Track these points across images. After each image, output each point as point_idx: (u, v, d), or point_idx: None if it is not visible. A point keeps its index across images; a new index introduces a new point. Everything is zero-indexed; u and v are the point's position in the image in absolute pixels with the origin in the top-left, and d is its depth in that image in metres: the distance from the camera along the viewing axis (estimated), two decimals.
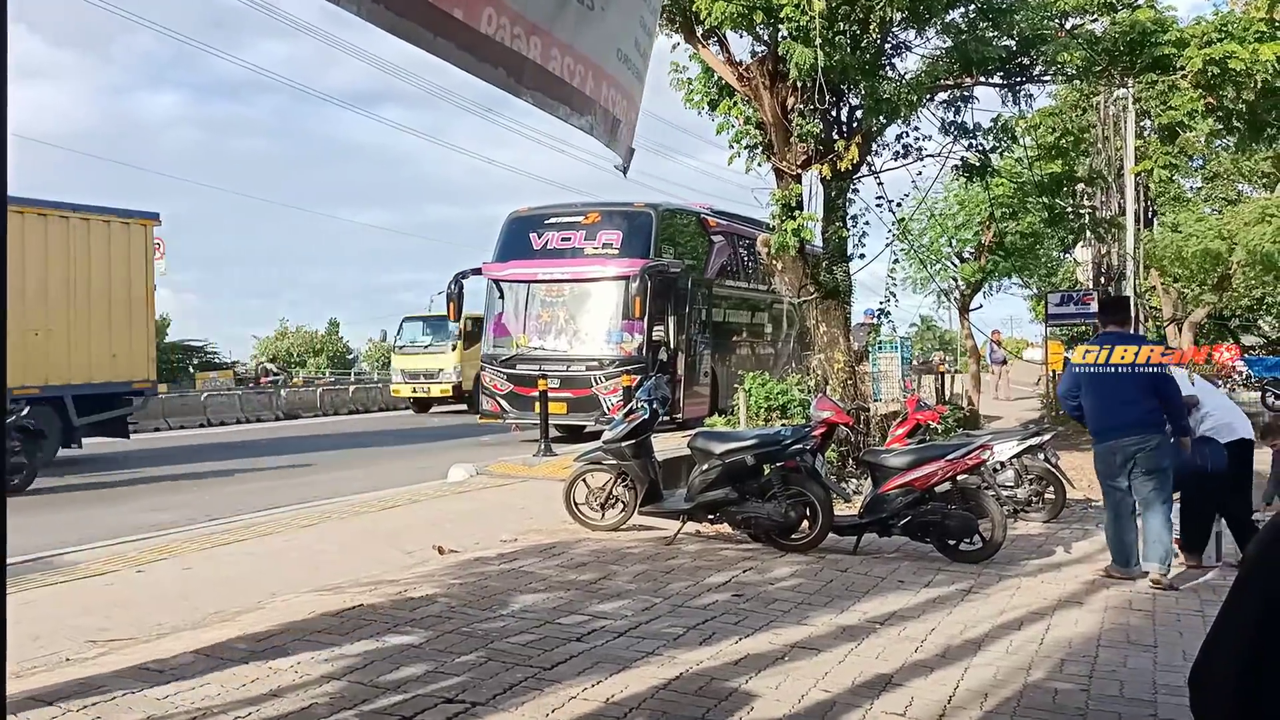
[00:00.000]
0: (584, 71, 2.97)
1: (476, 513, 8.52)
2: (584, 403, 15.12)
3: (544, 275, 15.69)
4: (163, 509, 9.45)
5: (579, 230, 15.79)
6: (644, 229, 15.60)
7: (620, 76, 3.27)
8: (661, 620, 4.91)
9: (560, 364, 15.25)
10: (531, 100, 2.83)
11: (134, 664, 4.20)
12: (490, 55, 2.56)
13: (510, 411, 15.72)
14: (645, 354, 15.04)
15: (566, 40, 2.86)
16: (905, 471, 6.69)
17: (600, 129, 3.26)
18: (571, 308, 15.67)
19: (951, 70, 12.07)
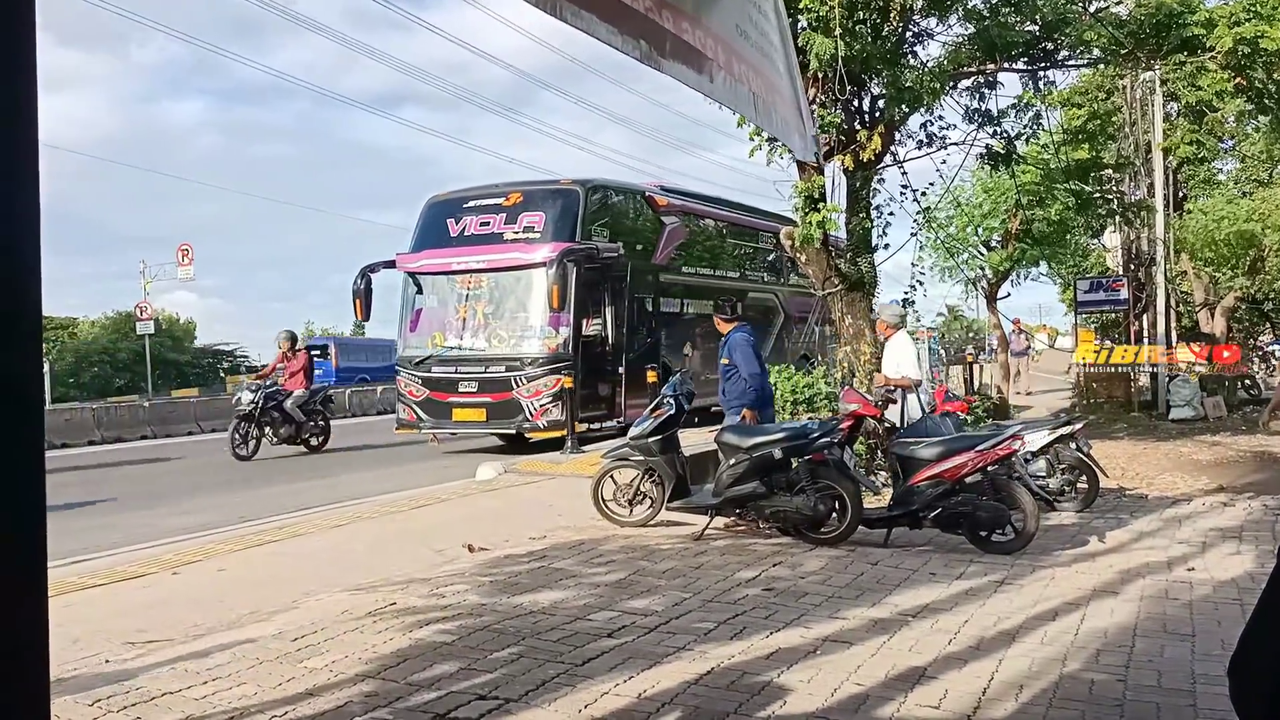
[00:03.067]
0: (714, 45, 3.01)
1: (505, 510, 8.55)
2: (504, 408, 13.43)
3: (458, 265, 13.98)
4: (196, 511, 9.55)
5: (499, 214, 14.02)
6: (570, 209, 13.83)
7: (746, 52, 3.29)
8: (692, 615, 4.91)
9: (478, 365, 13.69)
10: (672, 73, 2.87)
11: (171, 665, 4.25)
12: (632, 27, 2.60)
13: (425, 420, 14.17)
14: (574, 351, 13.36)
15: (693, 13, 2.89)
16: (935, 463, 6.65)
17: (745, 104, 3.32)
18: (489, 301, 13.97)
19: (974, 57, 11.99)
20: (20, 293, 0.77)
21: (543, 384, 13.16)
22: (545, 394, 13.10)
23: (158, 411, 22.53)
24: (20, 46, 0.77)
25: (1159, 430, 15.77)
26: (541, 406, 13.13)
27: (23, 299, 0.77)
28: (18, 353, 0.76)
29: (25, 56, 0.77)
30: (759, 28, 3.52)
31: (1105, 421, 17.46)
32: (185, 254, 36.32)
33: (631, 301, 14.68)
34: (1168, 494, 9.43)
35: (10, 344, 0.75)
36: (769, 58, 3.60)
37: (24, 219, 0.77)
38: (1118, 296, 21.59)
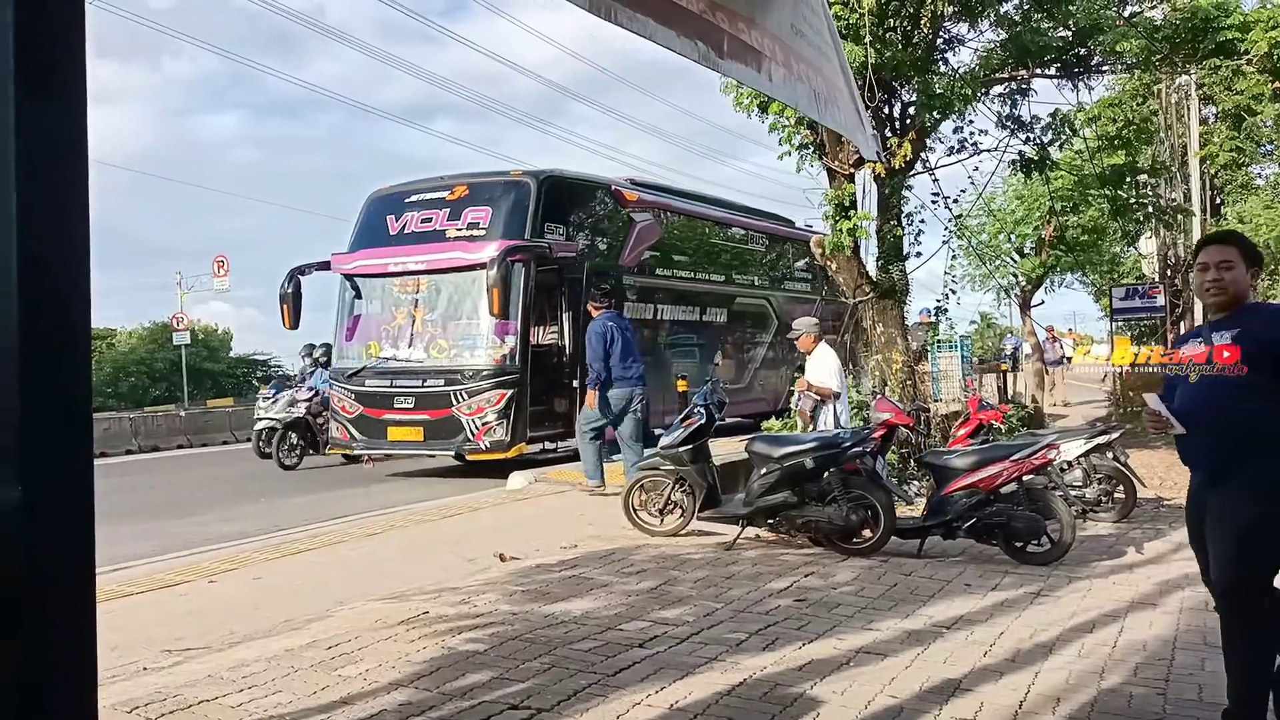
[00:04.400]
0: (771, 44, 3.03)
1: (536, 519, 8.57)
2: (443, 426, 11.94)
3: (395, 266, 12.50)
4: (232, 520, 9.65)
5: (442, 209, 12.57)
6: (520, 203, 12.34)
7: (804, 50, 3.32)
8: (724, 626, 4.90)
9: (415, 378, 12.24)
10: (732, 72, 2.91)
11: (208, 673, 4.30)
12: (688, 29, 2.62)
13: (359, 439, 12.63)
14: (523, 363, 11.91)
15: (747, 15, 2.91)
16: (969, 473, 6.59)
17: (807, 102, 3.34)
18: (429, 306, 12.51)
19: (1006, 63, 11.93)
20: (71, 312, 0.78)
21: (485, 399, 11.69)
22: (488, 411, 11.66)
23: (193, 421, 22.82)
24: (72, 77, 0.78)
25: None
26: (484, 425, 11.68)
27: (73, 318, 0.79)
28: (69, 369, 0.77)
29: (77, 85, 0.79)
30: (813, 26, 3.54)
31: (1142, 430, 17.20)
32: (221, 265, 36.74)
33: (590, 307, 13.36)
34: None
35: (62, 361, 0.77)
36: (826, 56, 3.62)
37: (75, 242, 0.78)
38: (1154, 304, 21.35)
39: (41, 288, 0.77)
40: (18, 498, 0.76)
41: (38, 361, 0.76)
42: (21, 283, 0.76)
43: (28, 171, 0.77)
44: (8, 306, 0.75)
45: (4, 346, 0.76)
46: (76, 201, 0.81)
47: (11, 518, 0.76)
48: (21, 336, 0.76)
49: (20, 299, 0.76)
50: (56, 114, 0.80)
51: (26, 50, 0.77)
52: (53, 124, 0.79)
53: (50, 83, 0.79)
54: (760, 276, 18.18)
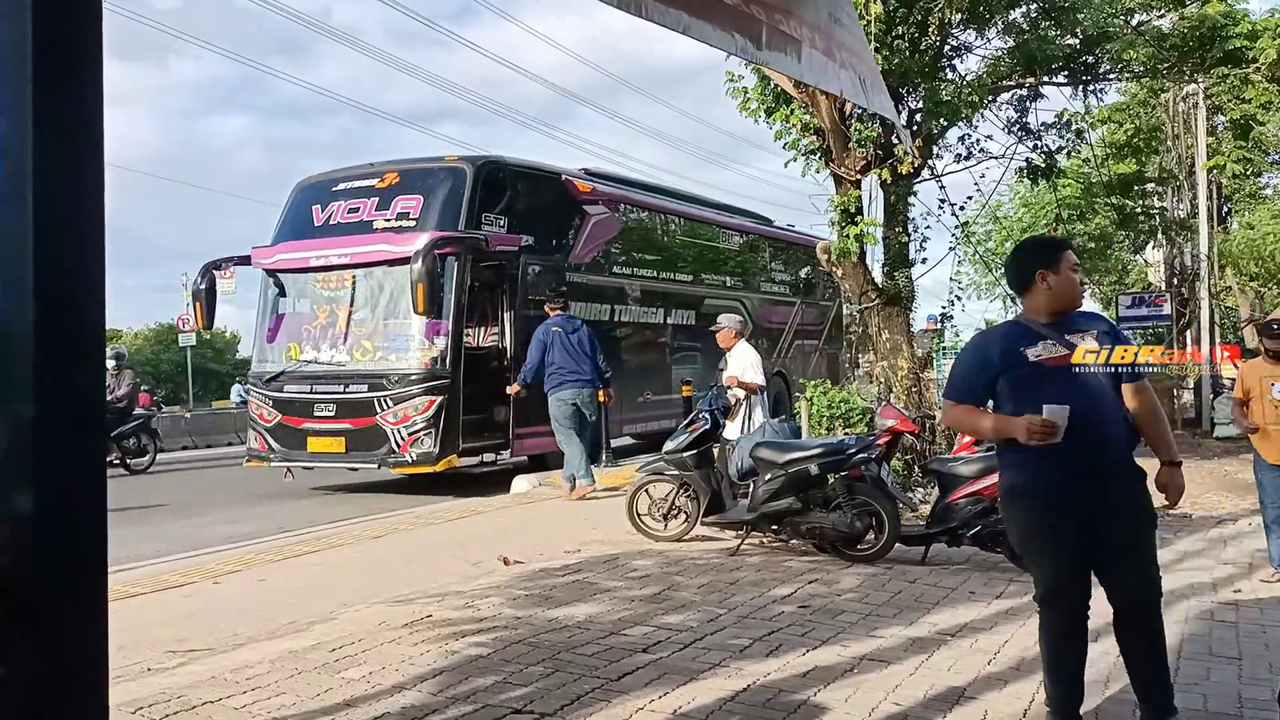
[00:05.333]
0: (810, 34, 3.02)
1: (540, 523, 8.57)
2: (366, 436, 10.85)
3: (318, 260, 11.34)
4: (237, 521, 9.66)
5: (371, 198, 11.52)
6: (455, 192, 11.25)
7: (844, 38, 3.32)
8: (727, 632, 4.89)
9: (337, 383, 11.12)
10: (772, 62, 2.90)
11: (212, 674, 4.30)
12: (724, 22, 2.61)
13: (277, 450, 11.47)
14: (455, 366, 10.80)
15: (784, 6, 2.90)
16: (974, 480, 6.57)
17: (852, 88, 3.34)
18: (353, 304, 11.36)
19: (1014, 70, 11.93)
20: (86, 313, 0.79)
21: (411, 406, 10.65)
22: (415, 419, 10.61)
23: (199, 422, 22.87)
24: (89, 79, 0.79)
25: (1203, 448, 15.51)
26: (410, 435, 10.65)
27: (88, 319, 0.79)
28: (83, 371, 0.78)
29: (94, 87, 0.80)
30: (850, 15, 3.55)
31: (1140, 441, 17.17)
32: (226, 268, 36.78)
33: (533, 306, 11.64)
34: (1212, 514, 9.26)
35: (76, 362, 0.77)
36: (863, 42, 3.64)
37: (91, 244, 0.79)
38: (1160, 312, 21.30)
39: (57, 289, 0.77)
40: (31, 499, 0.77)
41: (52, 362, 0.77)
42: (37, 284, 0.76)
43: (45, 173, 0.78)
44: (24, 308, 0.76)
45: (20, 348, 0.76)
46: (92, 203, 0.82)
47: (25, 518, 0.77)
48: (37, 337, 0.76)
49: (36, 300, 0.76)
50: (73, 116, 0.81)
51: (44, 52, 0.78)
52: (70, 126, 0.80)
53: (68, 85, 0.80)
54: (733, 277, 17.19)
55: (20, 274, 0.76)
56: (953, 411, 3.64)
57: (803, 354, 18.59)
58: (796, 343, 18.36)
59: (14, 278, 0.77)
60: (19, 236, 0.77)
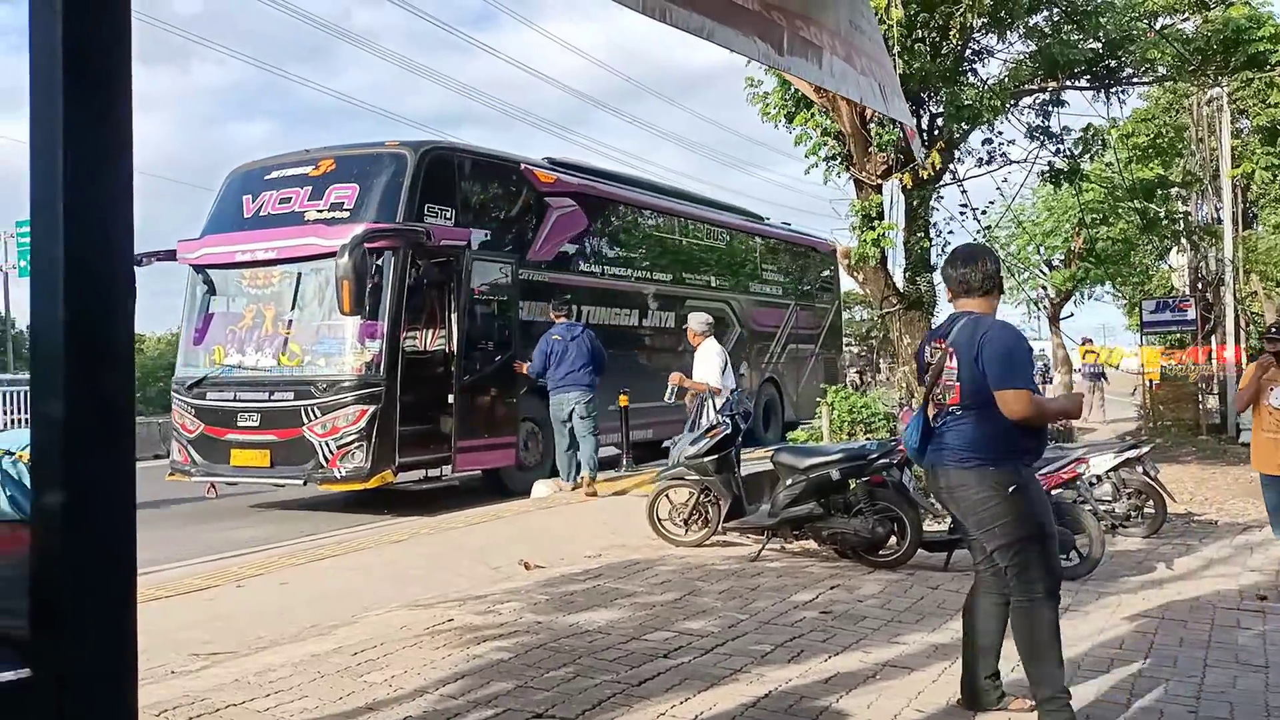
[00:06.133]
0: (830, 40, 3.03)
1: (560, 528, 8.58)
2: (292, 449, 9.82)
3: (244, 255, 10.32)
4: (260, 524, 9.72)
5: (304, 187, 10.46)
6: (394, 180, 10.20)
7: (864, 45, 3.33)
8: (748, 637, 4.88)
9: (261, 390, 10.04)
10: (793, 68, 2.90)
11: (236, 677, 4.33)
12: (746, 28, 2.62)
13: (199, 464, 10.40)
14: (391, 371, 9.71)
15: (803, 12, 2.91)
16: None
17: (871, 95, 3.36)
18: (281, 303, 10.35)
19: (1036, 74, 11.87)
20: (116, 320, 0.80)
21: (341, 417, 9.62)
22: (345, 431, 9.59)
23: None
24: (119, 89, 0.80)
25: (1228, 454, 15.35)
26: (340, 448, 9.60)
27: (118, 326, 0.80)
28: (112, 376, 0.78)
29: (123, 96, 0.81)
30: (870, 22, 3.56)
31: (1172, 444, 17.05)
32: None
33: (486, 309, 10.93)
34: (1239, 520, 9.18)
35: (106, 368, 0.78)
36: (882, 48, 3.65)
37: (121, 252, 0.80)
38: (1185, 317, 21.11)
39: (88, 295, 0.78)
40: (61, 501, 0.78)
41: (83, 368, 0.78)
42: (68, 290, 0.77)
43: (75, 180, 0.79)
44: (55, 313, 0.77)
45: (51, 352, 0.77)
46: (122, 210, 0.83)
47: (54, 521, 0.77)
48: (67, 343, 0.77)
49: (66, 306, 0.77)
50: (103, 123, 0.82)
51: (74, 61, 0.79)
52: (100, 133, 0.81)
53: (97, 93, 0.80)
54: (718, 277, 15.98)
55: (51, 280, 0.77)
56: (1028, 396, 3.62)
57: (797, 359, 17.57)
58: (790, 347, 17.35)
59: (45, 284, 0.78)
60: (50, 244, 0.78)
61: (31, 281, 0.80)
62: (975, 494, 3.68)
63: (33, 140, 0.80)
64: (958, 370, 3.69)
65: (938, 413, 3.81)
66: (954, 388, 3.71)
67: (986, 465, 3.66)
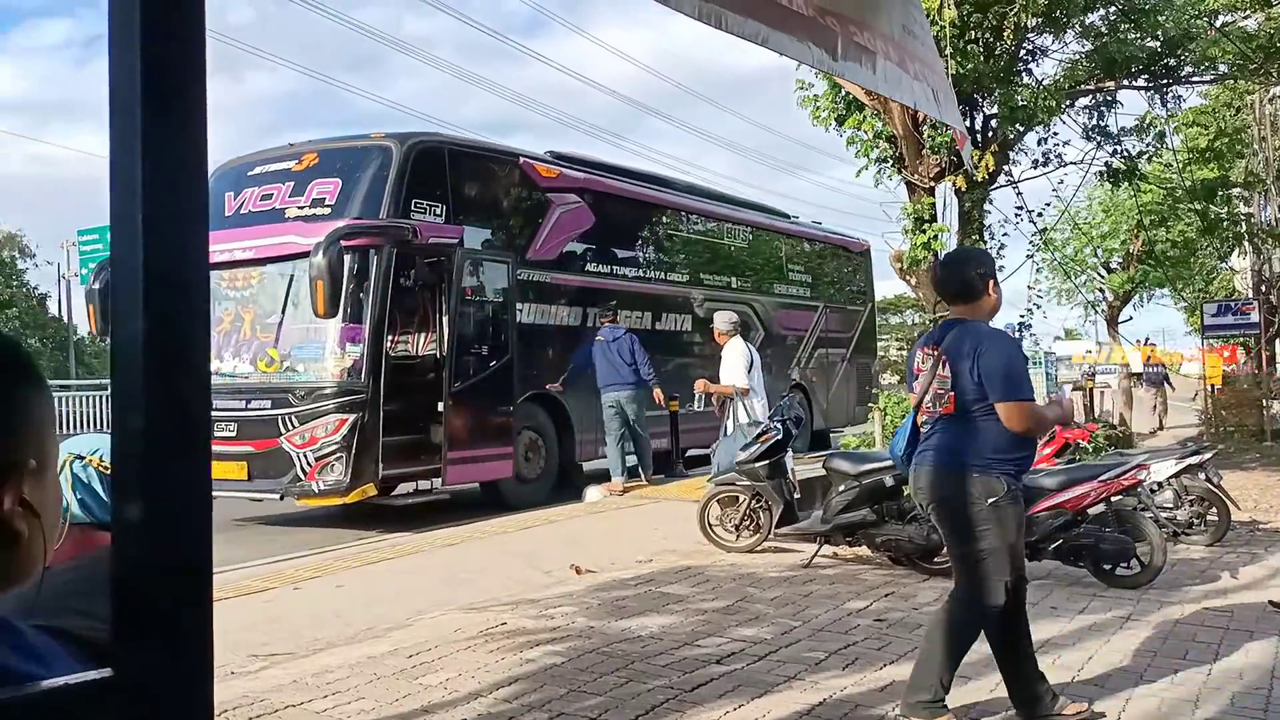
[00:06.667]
0: (884, 45, 3.03)
1: (611, 533, 8.59)
2: (269, 461, 9.27)
3: (221, 254, 9.51)
4: (315, 528, 9.85)
5: (286, 182, 9.96)
6: (379, 174, 9.63)
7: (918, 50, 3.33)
8: (802, 645, 4.85)
9: (239, 399, 9.33)
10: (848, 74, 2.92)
11: (294, 678, 4.40)
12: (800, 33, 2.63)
13: None
14: (373, 378, 9.08)
15: (857, 17, 2.92)
16: (1055, 493, 6.42)
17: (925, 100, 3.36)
18: (259, 306, 9.86)
19: (1092, 74, 11.69)
20: (193, 329, 0.82)
21: (320, 426, 9.06)
22: (323, 441, 9.03)
23: None
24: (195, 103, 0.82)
25: None
26: (318, 460, 9.04)
27: (194, 335, 0.82)
28: (189, 385, 0.80)
29: (198, 109, 0.83)
30: (923, 27, 3.54)
31: (1236, 451, 16.61)
32: None
33: (476, 309, 10.22)
34: None
35: (183, 378, 0.80)
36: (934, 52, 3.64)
37: (196, 262, 0.82)
38: (1248, 320, 20.58)
39: (166, 306, 0.80)
40: (140, 507, 0.79)
41: (162, 377, 0.80)
42: (146, 301, 0.79)
43: (152, 194, 0.80)
44: (135, 326, 0.79)
45: (131, 362, 0.79)
46: (197, 223, 0.84)
47: (134, 526, 0.79)
48: (146, 353, 0.79)
49: (146, 317, 0.79)
50: (179, 137, 0.83)
51: (152, 76, 0.80)
52: (177, 148, 0.83)
53: (173, 107, 0.82)
54: (739, 278, 15.07)
55: (131, 291, 0.79)
56: (1029, 409, 3.63)
57: (827, 364, 16.61)
58: (819, 352, 16.34)
59: (126, 295, 0.80)
60: (130, 255, 0.80)
61: (112, 292, 0.82)
62: (955, 497, 3.69)
63: (112, 154, 0.82)
64: (951, 379, 3.68)
65: (928, 419, 3.80)
66: (947, 396, 3.69)
67: (971, 471, 3.67)
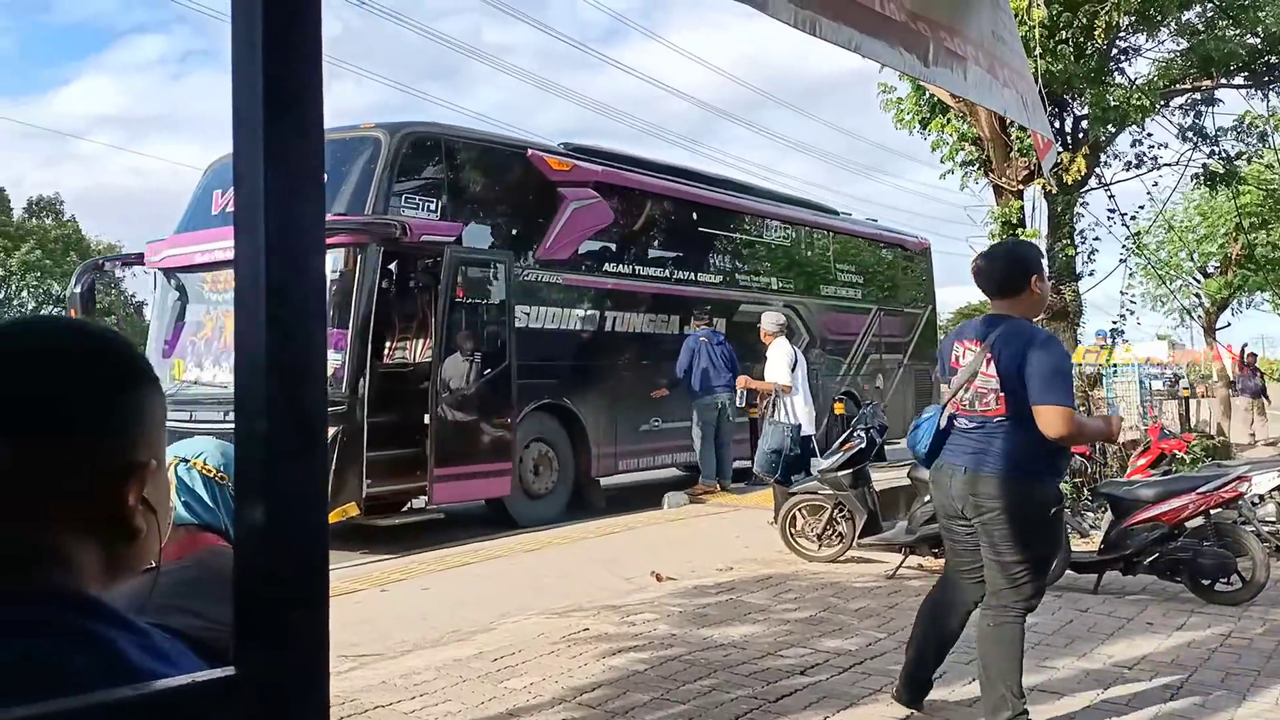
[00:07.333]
0: (974, 52, 3.02)
1: (690, 541, 8.57)
2: None
3: (201, 255, 9.01)
4: (399, 532, 10.01)
5: None
6: (366, 167, 8.92)
7: (1007, 56, 3.31)
8: (887, 657, 4.77)
9: (217, 410, 8.50)
10: (938, 80, 2.92)
11: (382, 679, 4.48)
12: (893, 39, 2.64)
13: None
14: (353, 389, 8.26)
15: (948, 23, 2.90)
16: (1151, 505, 6.22)
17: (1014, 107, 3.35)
18: None
19: (1188, 73, 11.33)
20: (311, 338, 0.84)
21: None
22: None
23: None
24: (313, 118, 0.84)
25: None
26: None
27: (313, 344, 0.84)
28: (308, 393, 0.82)
29: (316, 124, 0.85)
30: (1012, 32, 3.49)
31: None
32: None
33: (472, 313, 9.24)
34: None
35: (302, 385, 0.82)
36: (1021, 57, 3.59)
37: (313, 272, 0.84)
38: None
39: (287, 317, 0.82)
40: (262, 510, 0.82)
41: (283, 387, 0.82)
42: (269, 310, 0.81)
43: (275, 206, 0.83)
44: (258, 337, 0.81)
45: (255, 369, 0.81)
46: (315, 233, 0.87)
47: (257, 528, 0.82)
48: (269, 363, 0.81)
49: (269, 328, 0.81)
50: (299, 149, 0.86)
51: (274, 92, 0.83)
52: (295, 159, 0.85)
53: (295, 124, 0.85)
54: (782, 278, 13.97)
55: (255, 301, 0.82)
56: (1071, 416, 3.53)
57: (881, 371, 15.48)
58: (871, 358, 15.24)
59: (249, 306, 0.82)
60: (253, 265, 0.82)
61: (236, 303, 0.85)
62: (1024, 506, 3.61)
63: (236, 169, 0.85)
64: (1000, 379, 3.58)
65: (970, 419, 3.70)
66: (994, 395, 3.61)
67: (1034, 480, 3.62)
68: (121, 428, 0.94)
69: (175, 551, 1.91)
